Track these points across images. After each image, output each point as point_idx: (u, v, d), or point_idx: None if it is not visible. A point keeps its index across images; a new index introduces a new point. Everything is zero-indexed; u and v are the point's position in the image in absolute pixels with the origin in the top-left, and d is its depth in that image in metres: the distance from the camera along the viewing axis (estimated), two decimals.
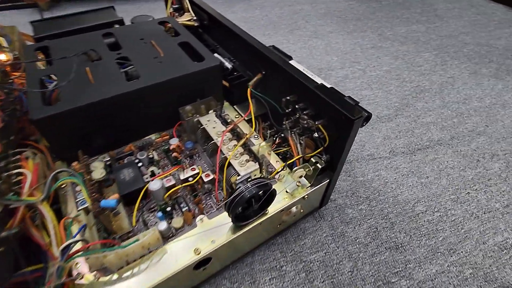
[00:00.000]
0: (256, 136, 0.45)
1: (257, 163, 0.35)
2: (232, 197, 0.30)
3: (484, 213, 0.47)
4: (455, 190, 0.51)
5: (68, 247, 0.26)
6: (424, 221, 0.46)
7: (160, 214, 0.34)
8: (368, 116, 0.35)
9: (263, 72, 0.46)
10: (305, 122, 0.40)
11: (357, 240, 0.44)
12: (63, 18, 0.59)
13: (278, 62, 0.41)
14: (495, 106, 0.69)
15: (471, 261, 0.42)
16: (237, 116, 0.49)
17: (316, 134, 0.39)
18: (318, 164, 0.37)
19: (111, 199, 0.30)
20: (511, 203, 0.49)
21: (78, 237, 0.27)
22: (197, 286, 0.38)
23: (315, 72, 0.77)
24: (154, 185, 0.34)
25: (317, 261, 0.41)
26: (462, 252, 0.43)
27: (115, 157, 0.41)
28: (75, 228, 0.30)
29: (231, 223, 0.34)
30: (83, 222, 0.31)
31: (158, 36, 0.49)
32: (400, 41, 0.93)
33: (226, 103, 0.51)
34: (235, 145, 0.37)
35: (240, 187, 0.30)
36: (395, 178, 0.53)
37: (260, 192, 0.31)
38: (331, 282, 0.39)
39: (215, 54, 0.54)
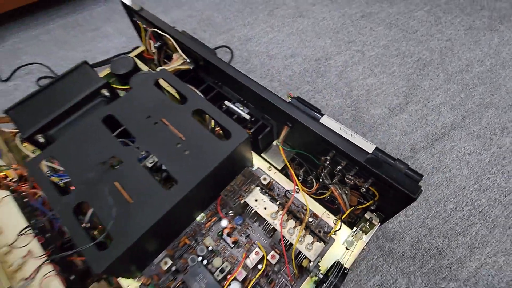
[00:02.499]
0: (298, 189, 0.46)
1: (322, 242, 0.37)
2: None
3: (505, 197, 0.53)
4: (477, 178, 0.55)
5: None
6: (456, 218, 0.51)
7: None
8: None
9: (291, 126, 0.44)
10: (351, 181, 0.40)
11: (404, 255, 0.49)
12: (38, 96, 0.51)
13: (313, 128, 0.39)
14: (496, 67, 0.69)
15: (503, 248, 0.48)
16: (270, 169, 0.48)
17: (363, 189, 0.40)
18: (373, 222, 0.39)
19: None
20: None
21: None
22: None
23: (313, 66, 0.74)
24: (234, 287, 0.36)
25: (376, 285, 0.47)
26: (493, 241, 0.49)
27: (173, 255, 0.41)
28: None
29: None
30: None
31: (165, 108, 0.44)
32: (388, 0, 0.87)
33: (252, 153, 0.50)
34: (294, 225, 0.38)
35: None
36: (422, 179, 0.56)
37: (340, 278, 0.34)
38: None
39: (226, 102, 0.50)
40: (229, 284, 0.36)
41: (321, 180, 0.45)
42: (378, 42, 0.77)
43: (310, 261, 0.36)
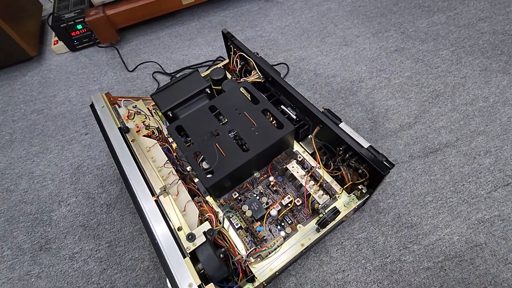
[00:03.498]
0: (319, 167, 0.71)
1: (328, 195, 0.63)
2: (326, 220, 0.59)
3: (472, 199, 0.73)
4: (454, 183, 0.75)
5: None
6: (431, 207, 0.73)
7: (279, 227, 0.64)
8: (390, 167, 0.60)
9: (321, 126, 0.70)
10: (352, 164, 0.65)
11: (387, 223, 0.72)
12: (168, 88, 0.83)
13: (333, 129, 0.65)
14: (497, 104, 0.87)
15: (459, 231, 0.69)
16: (303, 152, 0.74)
17: (360, 171, 0.64)
18: (363, 190, 0.64)
19: (260, 227, 0.60)
20: (492, 190, 0.73)
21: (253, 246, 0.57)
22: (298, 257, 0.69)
23: (348, 86, 0.98)
24: (273, 212, 0.64)
25: (363, 238, 0.71)
26: (454, 226, 0.70)
27: (239, 191, 0.70)
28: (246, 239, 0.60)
29: (316, 226, 0.63)
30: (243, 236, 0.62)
31: (246, 105, 0.73)
32: (421, 38, 1.07)
33: (294, 140, 0.77)
34: (313, 184, 0.64)
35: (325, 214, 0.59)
36: (412, 178, 0.78)
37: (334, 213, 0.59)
38: (372, 249, 0.69)
39: (281, 106, 0.78)
40: (271, 210, 0.64)
41: (336, 164, 0.71)
42: (404, 73, 0.99)
43: (319, 204, 0.62)
